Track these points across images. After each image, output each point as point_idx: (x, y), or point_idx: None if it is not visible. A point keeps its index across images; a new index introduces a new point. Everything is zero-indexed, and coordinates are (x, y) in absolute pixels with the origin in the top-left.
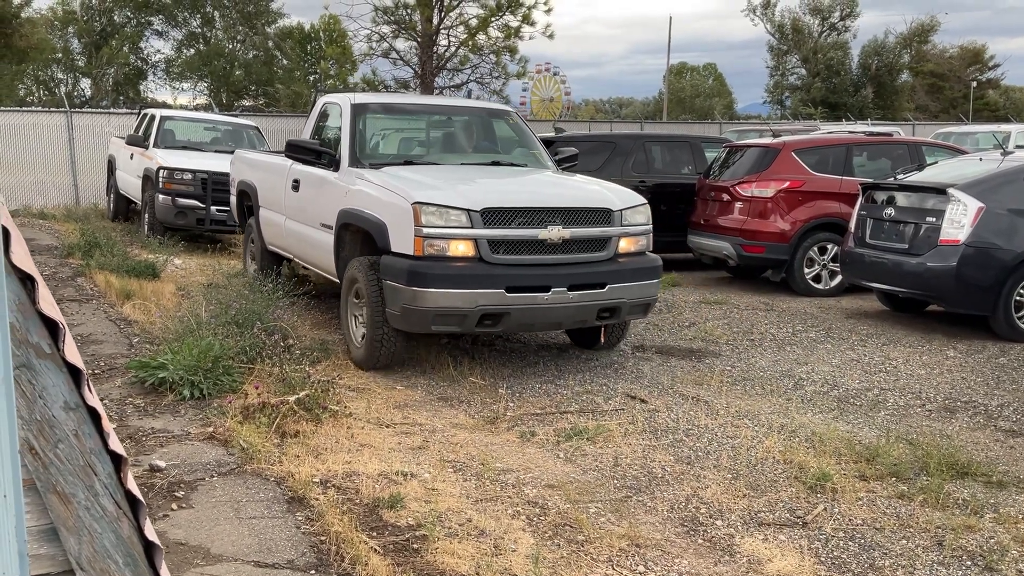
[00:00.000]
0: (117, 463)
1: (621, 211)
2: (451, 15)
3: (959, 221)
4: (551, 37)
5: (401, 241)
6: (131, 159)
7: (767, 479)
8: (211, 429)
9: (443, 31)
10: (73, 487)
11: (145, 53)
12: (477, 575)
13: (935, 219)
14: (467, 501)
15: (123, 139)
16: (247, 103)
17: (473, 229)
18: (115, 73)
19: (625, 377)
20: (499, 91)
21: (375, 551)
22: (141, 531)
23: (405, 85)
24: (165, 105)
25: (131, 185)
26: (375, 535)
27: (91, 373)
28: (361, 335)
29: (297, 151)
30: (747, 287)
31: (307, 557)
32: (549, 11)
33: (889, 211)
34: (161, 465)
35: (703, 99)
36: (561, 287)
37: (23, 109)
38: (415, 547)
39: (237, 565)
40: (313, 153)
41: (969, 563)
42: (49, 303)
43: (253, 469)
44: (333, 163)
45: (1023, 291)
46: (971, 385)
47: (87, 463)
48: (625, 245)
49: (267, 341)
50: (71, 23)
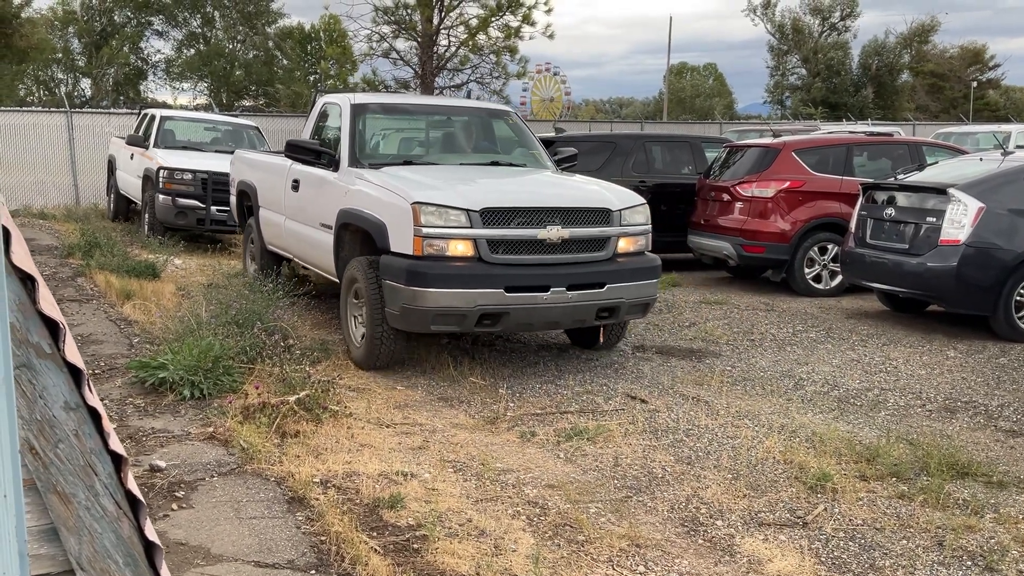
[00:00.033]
0: (117, 463)
1: (620, 211)
2: (451, 15)
3: (959, 221)
4: (551, 37)
5: (400, 241)
6: (131, 159)
7: (767, 479)
8: (211, 429)
9: (443, 31)
10: (73, 487)
11: (145, 53)
12: (477, 575)
13: (935, 219)
14: (467, 501)
15: (123, 139)
16: (247, 103)
17: (472, 229)
18: (115, 73)
19: (625, 377)
20: (499, 91)
21: (375, 551)
22: (141, 531)
23: (405, 85)
24: (165, 105)
25: (131, 185)
26: (375, 535)
27: (91, 373)
28: (361, 335)
29: (297, 151)
30: (747, 287)
31: (307, 557)
32: (549, 11)
33: (889, 211)
34: (161, 465)
35: (703, 99)
36: (560, 287)
37: (23, 109)
38: (415, 547)
39: (237, 565)
40: (313, 153)
41: (969, 563)
42: (49, 303)
43: (253, 469)
44: (333, 163)
45: (1023, 291)
46: (971, 385)
47: (87, 463)
48: (624, 245)
49: (267, 341)
50: (71, 23)
